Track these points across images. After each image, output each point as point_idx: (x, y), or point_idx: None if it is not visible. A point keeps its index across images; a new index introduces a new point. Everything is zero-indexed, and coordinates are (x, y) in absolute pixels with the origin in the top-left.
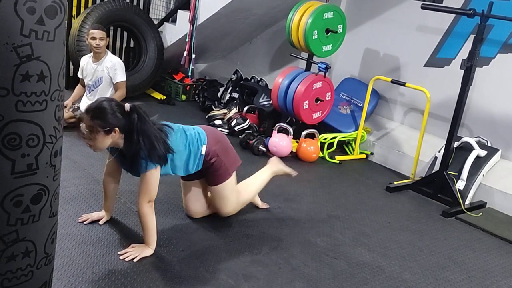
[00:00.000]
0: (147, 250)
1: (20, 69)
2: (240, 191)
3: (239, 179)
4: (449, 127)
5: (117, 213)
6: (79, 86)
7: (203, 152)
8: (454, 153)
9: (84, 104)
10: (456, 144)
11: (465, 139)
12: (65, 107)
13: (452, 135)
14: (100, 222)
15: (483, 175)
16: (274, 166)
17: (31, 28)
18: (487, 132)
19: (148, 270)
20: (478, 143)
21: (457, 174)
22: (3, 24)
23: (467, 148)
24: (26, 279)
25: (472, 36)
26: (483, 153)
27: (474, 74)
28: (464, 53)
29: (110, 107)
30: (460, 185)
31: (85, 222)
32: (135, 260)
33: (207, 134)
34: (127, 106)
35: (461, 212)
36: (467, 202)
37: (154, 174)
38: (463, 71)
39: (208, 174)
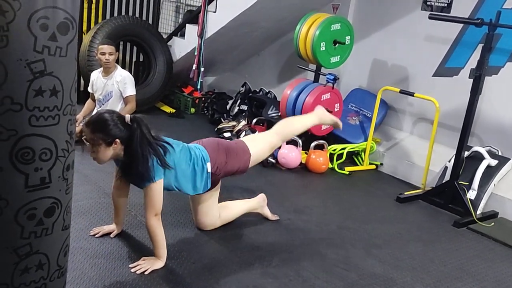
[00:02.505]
0: (158, 263)
1: (33, 84)
2: (270, 137)
3: (246, 190)
4: (459, 137)
5: (127, 226)
6: (89, 101)
7: (209, 170)
8: (465, 162)
9: None
10: (466, 153)
11: (475, 148)
12: (76, 121)
13: (462, 145)
14: (111, 235)
15: (495, 184)
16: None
17: (44, 44)
18: (497, 141)
19: (159, 283)
20: (489, 152)
21: (468, 184)
22: (17, 40)
23: (478, 157)
24: None
25: (480, 46)
26: (494, 162)
27: (483, 83)
28: (472, 62)
29: (111, 118)
30: (471, 195)
31: (96, 236)
32: (146, 273)
33: (206, 148)
34: (127, 117)
35: (472, 222)
36: (478, 212)
37: (155, 188)
38: (472, 80)
39: (231, 175)
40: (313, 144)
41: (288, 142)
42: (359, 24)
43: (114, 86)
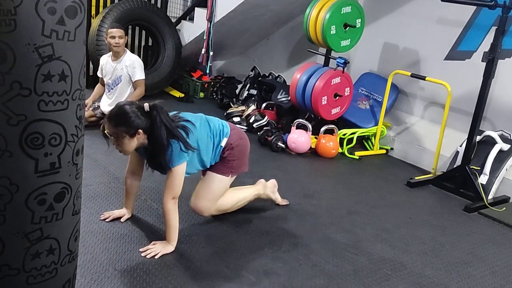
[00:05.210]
0: (168, 247)
1: (42, 69)
2: (224, 197)
3: (255, 175)
4: (471, 121)
5: (138, 211)
6: (98, 85)
7: (222, 144)
8: (476, 147)
9: (104, 102)
10: (478, 138)
11: (487, 132)
12: (85, 106)
13: (474, 129)
14: (122, 220)
15: (506, 169)
16: (261, 189)
17: (52, 28)
18: (510, 126)
19: (170, 267)
20: (501, 136)
21: (479, 168)
22: (25, 25)
23: (490, 142)
24: (51, 276)
25: (493, 28)
26: (506, 146)
27: (496, 66)
28: (485, 45)
29: (131, 110)
30: (482, 179)
31: (107, 220)
32: (156, 257)
33: (231, 130)
34: (146, 106)
35: (484, 207)
36: (490, 196)
37: (179, 171)
38: (484, 63)
39: (223, 167)
40: (323, 129)
41: (298, 127)
42: (370, 7)
43: (123, 71)
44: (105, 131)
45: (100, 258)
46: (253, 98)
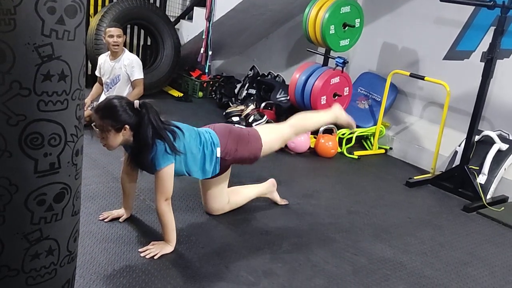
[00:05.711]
0: (167, 247)
1: (42, 68)
2: (284, 129)
3: (254, 174)
4: (470, 121)
5: (136, 211)
6: (97, 85)
7: (218, 155)
8: (475, 147)
9: None
10: (476, 138)
11: (486, 132)
12: (84, 105)
13: (473, 129)
14: (120, 220)
15: (505, 169)
16: (337, 111)
17: (52, 27)
18: (508, 126)
19: (168, 267)
20: (499, 136)
21: (478, 168)
22: (25, 24)
23: (488, 142)
24: (50, 277)
25: (492, 28)
26: (504, 146)
27: (495, 66)
28: (484, 45)
29: (120, 104)
30: (481, 179)
31: (105, 220)
32: (155, 258)
33: (216, 133)
34: (136, 103)
35: (482, 207)
36: (488, 196)
37: (167, 172)
38: (483, 63)
39: (240, 163)
40: (322, 128)
41: None
42: (369, 7)
43: (122, 70)
44: (92, 123)
45: (99, 259)
46: (252, 98)
